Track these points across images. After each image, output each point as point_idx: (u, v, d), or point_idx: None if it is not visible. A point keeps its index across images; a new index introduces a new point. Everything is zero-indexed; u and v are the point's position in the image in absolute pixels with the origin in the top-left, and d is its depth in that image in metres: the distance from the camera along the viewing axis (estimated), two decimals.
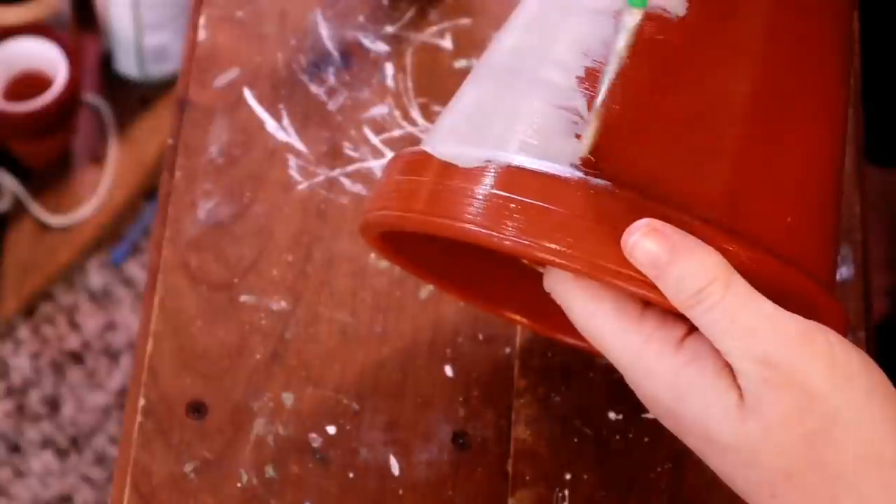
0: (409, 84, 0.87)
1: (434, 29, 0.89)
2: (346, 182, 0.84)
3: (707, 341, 0.59)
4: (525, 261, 0.75)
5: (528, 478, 0.77)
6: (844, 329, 0.64)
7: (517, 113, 0.62)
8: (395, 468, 0.77)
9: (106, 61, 1.62)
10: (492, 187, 0.60)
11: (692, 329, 0.60)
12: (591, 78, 0.61)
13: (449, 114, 0.67)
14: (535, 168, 0.60)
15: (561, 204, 0.59)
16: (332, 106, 0.86)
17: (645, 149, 0.61)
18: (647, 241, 0.58)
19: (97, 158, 1.59)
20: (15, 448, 1.52)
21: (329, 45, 0.88)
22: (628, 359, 0.61)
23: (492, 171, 0.60)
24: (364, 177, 0.84)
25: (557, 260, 0.59)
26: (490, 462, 0.77)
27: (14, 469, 1.51)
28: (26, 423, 1.53)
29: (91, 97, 1.60)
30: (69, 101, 1.50)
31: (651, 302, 0.60)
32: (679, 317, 0.60)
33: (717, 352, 0.59)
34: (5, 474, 1.50)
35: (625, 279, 0.58)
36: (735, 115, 0.61)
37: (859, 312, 0.83)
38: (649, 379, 0.60)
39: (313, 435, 0.77)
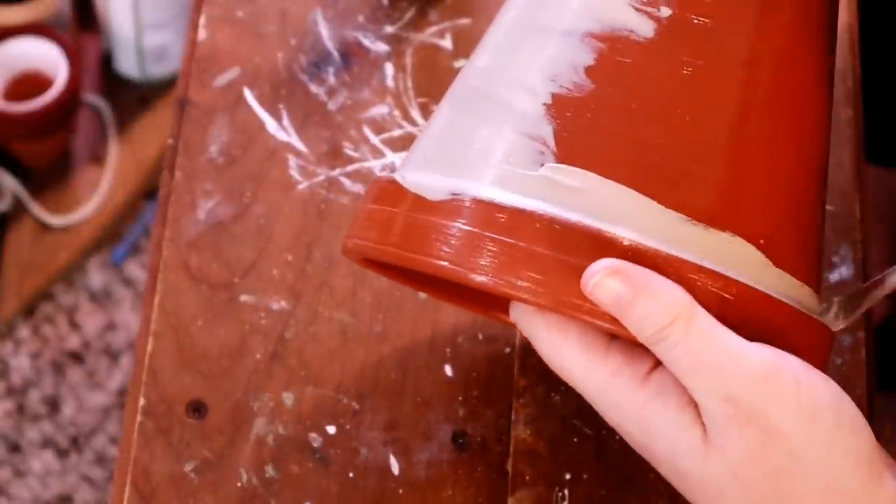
0: (409, 84, 0.87)
1: (434, 29, 0.89)
2: (347, 182, 0.84)
3: (672, 375, 0.59)
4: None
5: (527, 477, 0.77)
6: (828, 346, 0.64)
7: (485, 141, 0.62)
8: (395, 468, 0.77)
9: (106, 61, 1.62)
10: (459, 222, 0.60)
11: (658, 361, 0.60)
12: (558, 105, 0.61)
13: (423, 138, 0.67)
14: (501, 202, 0.60)
15: (526, 238, 0.59)
16: (332, 106, 0.86)
17: (614, 171, 0.60)
18: (609, 281, 0.58)
19: (97, 158, 1.59)
20: (15, 448, 1.52)
21: (329, 45, 0.88)
22: (595, 392, 0.61)
23: (459, 204, 0.61)
24: (364, 177, 0.84)
25: (522, 295, 0.59)
26: (490, 462, 0.77)
27: (14, 469, 1.51)
28: (26, 423, 1.53)
29: (91, 97, 1.60)
30: (69, 101, 1.50)
31: (616, 335, 0.60)
32: (646, 350, 0.60)
33: (682, 386, 0.59)
34: (5, 474, 1.50)
35: (590, 314, 0.59)
36: (707, 141, 0.61)
37: None
38: (615, 411, 0.61)
39: (313, 434, 0.77)
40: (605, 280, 0.58)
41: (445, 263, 0.60)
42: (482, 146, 0.62)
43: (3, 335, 1.56)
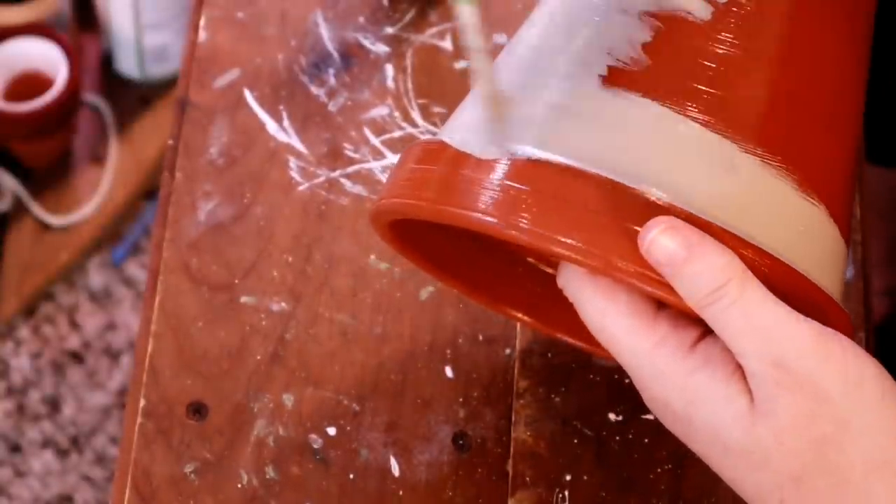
0: (410, 85, 0.87)
1: (434, 30, 0.89)
2: (347, 183, 0.84)
3: (719, 345, 0.59)
4: (531, 259, 0.75)
5: (528, 478, 0.77)
6: (849, 336, 0.64)
7: (537, 103, 0.62)
8: (396, 469, 0.77)
9: (106, 61, 1.62)
10: (507, 178, 0.60)
11: (705, 334, 0.60)
12: (612, 77, 0.61)
13: (468, 104, 0.66)
14: (551, 159, 0.60)
15: (577, 198, 0.58)
16: (332, 107, 0.86)
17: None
18: (664, 238, 0.57)
19: (97, 158, 1.59)
20: (15, 448, 1.52)
21: (329, 46, 0.88)
22: (639, 360, 0.60)
23: (507, 161, 0.60)
24: (364, 178, 0.84)
25: (572, 255, 0.58)
26: (490, 463, 0.77)
27: (14, 469, 1.51)
28: (26, 423, 1.53)
29: (91, 97, 1.60)
30: (69, 101, 1.50)
31: (666, 303, 0.60)
32: (692, 321, 0.59)
33: (729, 356, 0.59)
34: (6, 474, 1.50)
35: (640, 278, 0.58)
36: (754, 127, 0.61)
37: (859, 312, 0.83)
38: (659, 382, 0.60)
39: (313, 436, 0.77)
40: (659, 237, 0.57)
41: (492, 220, 0.59)
42: (533, 112, 0.62)
43: (3, 335, 1.56)
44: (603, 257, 0.58)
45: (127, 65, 1.60)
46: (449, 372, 0.79)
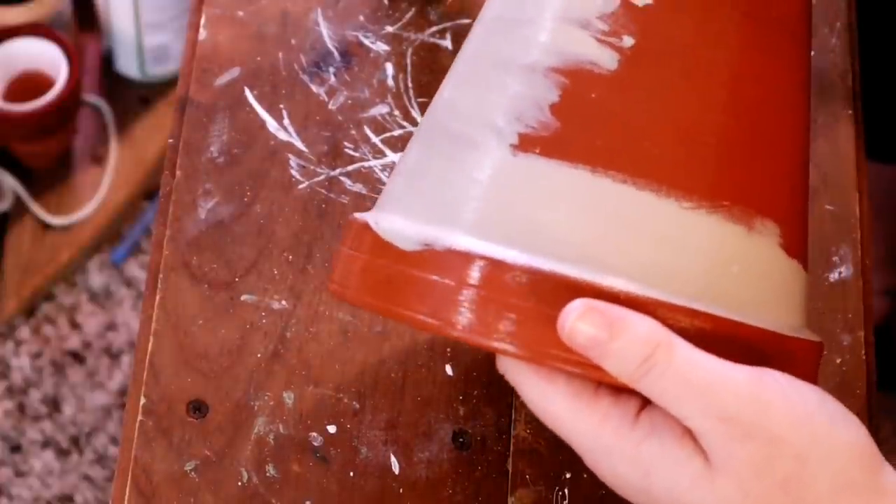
0: (410, 83, 0.87)
1: (434, 28, 0.89)
2: (347, 181, 0.84)
3: (661, 411, 0.59)
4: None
5: (528, 476, 0.77)
6: (815, 358, 0.64)
7: (455, 185, 0.62)
8: (396, 467, 0.77)
9: (106, 61, 1.62)
10: (435, 275, 0.60)
11: (646, 401, 0.60)
12: (524, 145, 0.60)
13: (396, 175, 0.66)
14: (473, 251, 0.59)
15: (500, 290, 0.59)
16: (332, 105, 0.86)
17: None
18: (581, 324, 0.57)
19: (97, 158, 1.60)
20: (16, 448, 1.52)
21: (329, 44, 0.88)
22: (585, 439, 0.60)
23: (432, 254, 0.60)
24: (364, 176, 0.84)
25: (502, 348, 0.59)
26: (490, 461, 0.77)
27: (15, 469, 1.51)
28: (27, 422, 1.53)
29: (91, 97, 1.60)
30: (69, 101, 1.50)
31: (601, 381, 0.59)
32: (632, 390, 0.59)
33: (673, 419, 0.59)
34: (6, 474, 1.50)
35: (571, 364, 0.58)
36: (676, 173, 0.60)
37: (859, 312, 0.83)
38: (609, 458, 0.60)
39: (314, 434, 0.78)
40: (577, 324, 0.57)
41: (424, 317, 0.60)
42: (452, 191, 0.62)
43: (3, 335, 1.56)
44: (531, 348, 0.59)
45: (127, 65, 1.60)
46: (449, 370, 0.79)
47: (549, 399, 0.60)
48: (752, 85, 0.61)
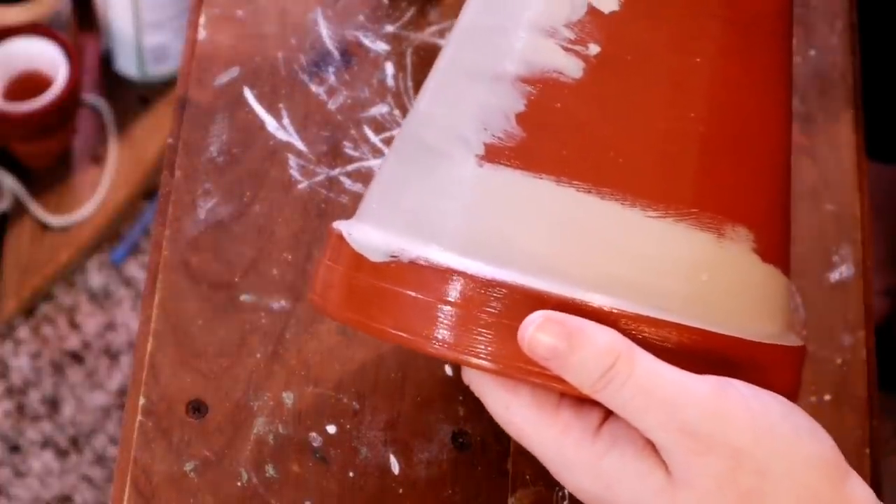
0: (409, 83, 0.87)
1: (434, 28, 0.89)
2: (347, 181, 0.84)
3: (623, 423, 0.59)
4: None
5: (528, 476, 0.77)
6: (797, 362, 0.63)
7: (422, 197, 0.62)
8: (395, 467, 0.77)
9: (106, 61, 1.62)
10: (399, 286, 0.60)
11: (608, 413, 0.59)
12: (490, 156, 0.60)
13: (373, 185, 0.67)
14: (438, 263, 0.59)
15: (464, 302, 0.59)
16: (332, 105, 0.86)
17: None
18: (540, 335, 0.57)
19: (97, 158, 1.60)
20: (15, 448, 1.52)
21: (329, 44, 0.88)
22: (547, 451, 0.60)
23: (398, 266, 0.60)
24: (364, 176, 0.84)
25: (466, 360, 0.59)
26: (490, 461, 0.77)
27: (14, 469, 1.51)
28: (26, 423, 1.53)
29: (91, 97, 1.60)
30: (69, 101, 1.50)
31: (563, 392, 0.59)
32: (595, 402, 0.59)
33: (635, 432, 0.58)
34: (5, 474, 1.50)
35: (532, 375, 0.58)
36: (642, 181, 0.60)
37: (859, 312, 0.83)
38: (571, 471, 0.60)
39: (313, 434, 0.77)
40: (537, 335, 0.57)
41: (388, 329, 0.60)
42: (419, 202, 0.62)
43: (3, 335, 1.56)
44: (494, 361, 0.58)
45: (127, 64, 1.60)
46: (449, 370, 0.79)
47: (513, 411, 0.60)
48: (724, 88, 0.61)
